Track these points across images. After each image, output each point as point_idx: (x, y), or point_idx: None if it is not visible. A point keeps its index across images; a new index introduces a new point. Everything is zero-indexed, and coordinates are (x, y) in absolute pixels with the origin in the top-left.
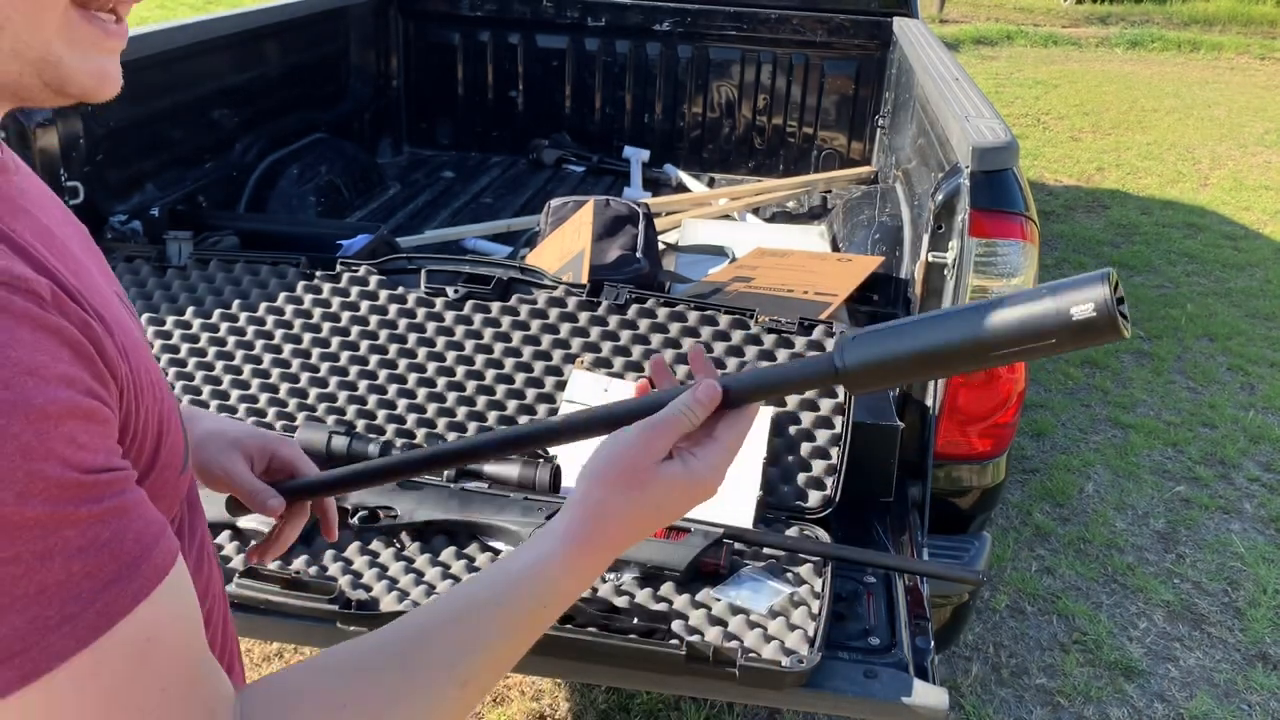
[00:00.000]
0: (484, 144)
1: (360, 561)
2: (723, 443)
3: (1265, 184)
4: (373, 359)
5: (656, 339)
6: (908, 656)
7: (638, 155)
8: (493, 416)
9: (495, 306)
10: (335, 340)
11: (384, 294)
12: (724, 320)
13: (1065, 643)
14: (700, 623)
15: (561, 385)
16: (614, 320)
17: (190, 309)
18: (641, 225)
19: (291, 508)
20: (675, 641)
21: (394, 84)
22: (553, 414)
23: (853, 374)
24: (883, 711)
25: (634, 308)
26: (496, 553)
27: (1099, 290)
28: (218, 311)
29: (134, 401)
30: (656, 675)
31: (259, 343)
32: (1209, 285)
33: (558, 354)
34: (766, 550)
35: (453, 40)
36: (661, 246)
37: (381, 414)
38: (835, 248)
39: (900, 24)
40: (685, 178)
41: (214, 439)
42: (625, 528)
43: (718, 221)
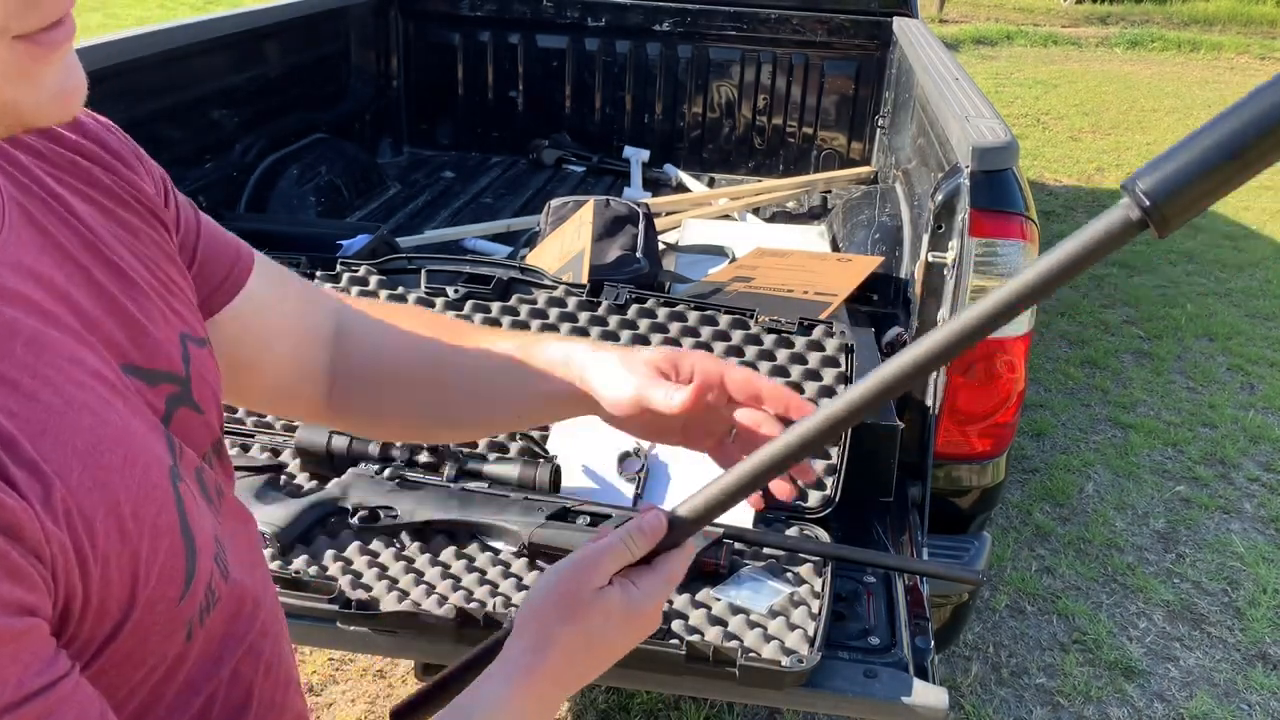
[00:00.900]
0: (484, 144)
1: (360, 561)
2: (660, 574)
3: (1265, 184)
4: None
5: (656, 339)
6: (908, 656)
7: (638, 155)
8: None
9: (495, 306)
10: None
11: (384, 294)
12: (724, 320)
13: (1065, 642)
14: (700, 623)
15: None
16: (614, 320)
17: None
18: (641, 225)
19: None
20: (675, 641)
21: (394, 84)
22: None
23: (1166, 206)
24: (883, 711)
25: (634, 308)
26: (497, 552)
27: None
28: None
29: (80, 569)
30: (656, 675)
31: None
32: (1209, 285)
33: None
34: (766, 550)
35: (453, 40)
36: (661, 246)
37: None
38: (835, 248)
39: (900, 24)
40: (685, 178)
41: (610, 389)
42: (568, 659)
43: (718, 221)
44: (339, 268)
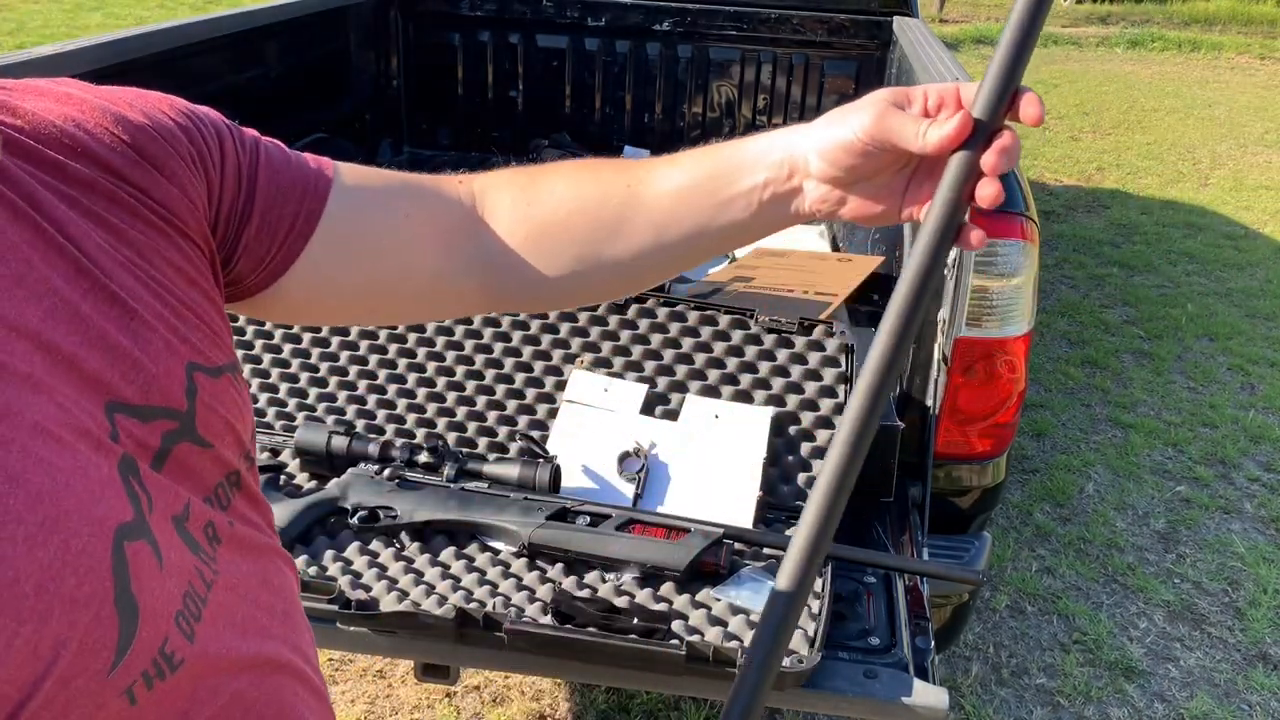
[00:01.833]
0: (484, 144)
1: (360, 561)
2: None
3: (1265, 184)
4: (372, 359)
5: (656, 339)
6: (908, 656)
7: (638, 155)
8: (492, 416)
9: None
10: (335, 340)
11: None
12: (724, 320)
13: (1065, 643)
14: (700, 623)
15: (561, 385)
16: (614, 320)
17: None
18: None
19: None
20: (675, 641)
21: (394, 84)
22: (553, 414)
23: None
24: (883, 711)
25: (634, 307)
26: (496, 552)
27: None
28: None
29: None
30: (656, 675)
31: (258, 343)
32: (1209, 285)
33: (558, 354)
34: (766, 550)
35: (453, 40)
36: None
37: (381, 414)
38: (835, 247)
39: (900, 24)
40: None
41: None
42: None
43: None
44: None
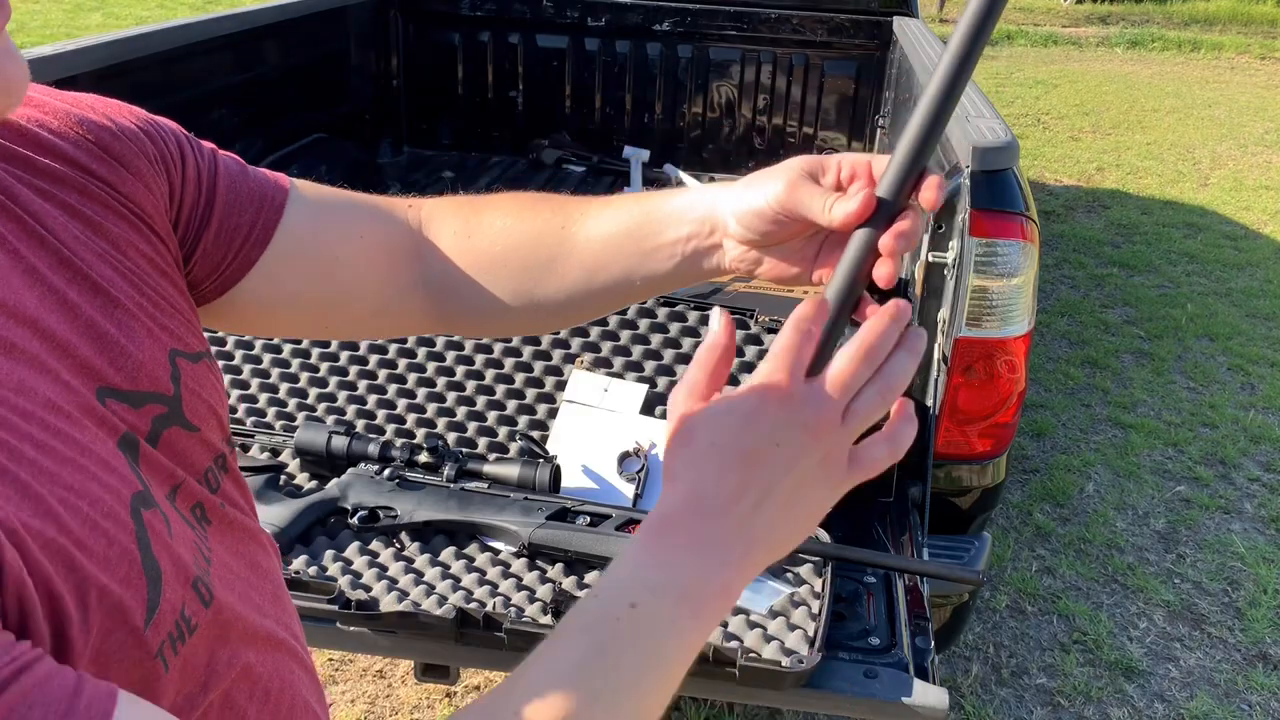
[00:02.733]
0: (484, 144)
1: (360, 561)
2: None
3: (1265, 184)
4: (372, 359)
5: (656, 339)
6: (908, 656)
7: (638, 155)
8: (492, 416)
9: None
10: (334, 340)
11: None
12: None
13: (1065, 643)
14: None
15: (561, 385)
16: (614, 320)
17: None
18: None
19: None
20: None
21: (394, 84)
22: (553, 414)
23: None
24: (883, 711)
25: (633, 307)
26: (496, 552)
27: None
28: None
29: (26, 589)
30: None
31: (258, 342)
32: (1209, 285)
33: (557, 353)
34: None
35: (453, 40)
36: None
37: (381, 414)
38: None
39: (900, 24)
40: (685, 178)
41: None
42: (695, 490)
43: None
44: None
